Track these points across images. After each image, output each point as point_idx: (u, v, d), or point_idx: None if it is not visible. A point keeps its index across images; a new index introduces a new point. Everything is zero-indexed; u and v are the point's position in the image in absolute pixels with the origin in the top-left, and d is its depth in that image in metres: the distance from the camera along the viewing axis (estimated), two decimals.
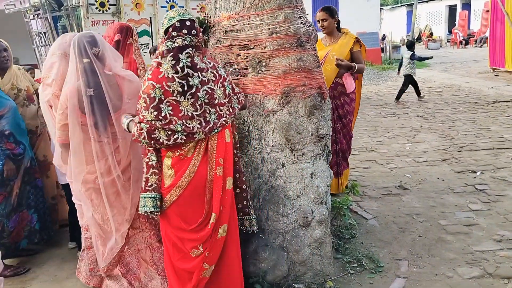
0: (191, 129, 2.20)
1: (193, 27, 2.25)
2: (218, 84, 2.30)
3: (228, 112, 2.33)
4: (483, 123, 7.04)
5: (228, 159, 2.34)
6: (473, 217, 3.71)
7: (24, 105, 3.38)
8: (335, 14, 4.01)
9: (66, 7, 6.57)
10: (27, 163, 3.25)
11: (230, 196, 2.38)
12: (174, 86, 2.18)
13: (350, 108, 4.10)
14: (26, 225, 3.28)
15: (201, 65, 2.25)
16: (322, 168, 2.91)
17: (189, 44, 2.22)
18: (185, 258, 2.35)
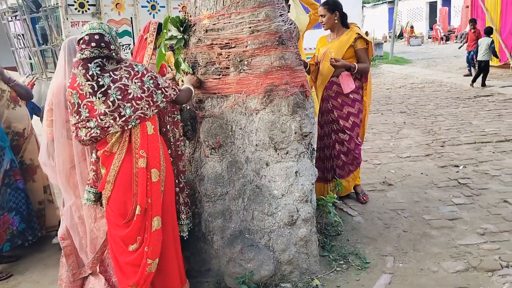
0: (104, 123, 2.33)
1: (101, 40, 2.35)
2: (133, 80, 2.37)
3: (147, 106, 2.39)
4: (465, 117, 7.14)
5: (151, 151, 2.42)
6: (456, 211, 3.75)
7: (9, 107, 3.35)
8: (335, 9, 3.74)
9: (45, 8, 6.45)
10: (6, 165, 3.17)
11: (158, 188, 2.43)
12: (85, 89, 2.32)
13: (353, 109, 3.78)
14: (8, 228, 3.20)
15: (114, 67, 2.37)
16: (307, 166, 2.90)
17: (98, 56, 2.34)
18: (125, 253, 2.44)
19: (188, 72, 2.97)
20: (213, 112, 2.90)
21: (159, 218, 2.42)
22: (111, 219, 2.46)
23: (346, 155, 3.83)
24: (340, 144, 3.82)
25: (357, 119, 3.79)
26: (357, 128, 3.81)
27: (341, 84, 3.72)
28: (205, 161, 2.95)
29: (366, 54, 3.75)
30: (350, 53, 3.72)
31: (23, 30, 7.18)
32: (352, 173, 3.90)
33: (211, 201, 2.93)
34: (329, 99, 3.82)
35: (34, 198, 3.54)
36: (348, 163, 3.84)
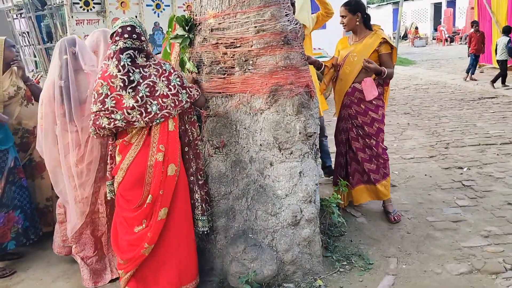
0: (131, 117, 2.47)
1: (133, 31, 2.52)
2: (161, 78, 2.51)
3: (172, 104, 2.53)
4: (469, 119, 7.11)
5: (171, 147, 2.57)
6: (460, 213, 3.73)
7: (22, 104, 3.44)
8: (357, 10, 3.51)
9: (50, 6, 6.45)
10: (10, 163, 3.18)
11: (172, 182, 2.58)
12: (116, 82, 2.46)
13: (377, 115, 3.59)
14: (13, 226, 3.21)
15: (142, 62, 2.52)
16: (311, 166, 2.90)
17: (130, 47, 2.50)
18: (128, 232, 2.61)
19: (193, 71, 2.97)
20: (218, 112, 2.90)
21: (166, 209, 2.57)
22: (120, 203, 2.64)
23: (377, 159, 3.64)
24: (369, 149, 3.63)
25: (381, 125, 3.63)
26: (382, 134, 3.67)
27: (364, 91, 3.52)
28: (209, 161, 2.95)
29: (390, 59, 3.58)
30: (374, 57, 3.51)
31: (27, 28, 7.19)
32: (388, 177, 3.69)
33: (214, 201, 2.93)
34: (352, 105, 3.62)
35: (42, 195, 3.58)
36: (381, 166, 3.64)
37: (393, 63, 3.63)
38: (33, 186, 3.55)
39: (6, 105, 3.36)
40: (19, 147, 3.45)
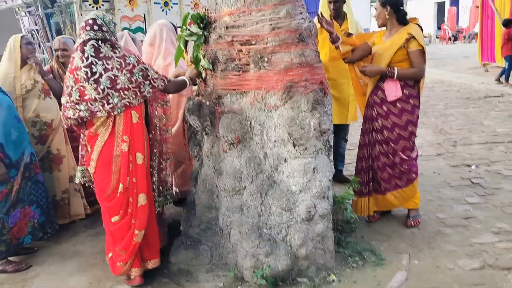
0: (93, 108, 2.61)
1: (94, 23, 2.64)
2: (123, 71, 2.62)
3: (133, 95, 2.66)
4: (476, 118, 7.13)
5: (136, 137, 2.72)
6: (470, 210, 3.76)
7: (40, 97, 3.55)
8: (387, 3, 3.30)
9: (59, 3, 6.52)
10: (26, 159, 3.23)
11: (142, 169, 2.75)
12: (80, 74, 2.59)
13: (399, 120, 3.34)
14: (29, 221, 3.25)
15: (108, 54, 2.62)
16: (324, 162, 2.93)
17: (92, 37, 2.61)
18: (109, 223, 2.81)
19: (208, 68, 3.00)
20: (233, 108, 2.93)
21: (144, 195, 2.75)
22: (97, 192, 2.83)
23: (392, 168, 3.43)
24: (385, 156, 3.43)
25: (404, 132, 3.36)
26: (404, 141, 3.37)
27: (385, 90, 3.33)
28: (223, 156, 2.98)
29: (419, 57, 3.26)
30: (401, 55, 3.27)
31: (36, 25, 7.24)
32: (401, 189, 3.45)
33: (229, 196, 2.96)
34: (374, 105, 3.43)
35: (59, 187, 3.67)
36: (394, 176, 3.44)
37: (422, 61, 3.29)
38: (51, 178, 3.63)
39: (24, 98, 3.49)
40: (37, 139, 3.53)
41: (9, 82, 3.43)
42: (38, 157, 3.49)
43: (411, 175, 3.44)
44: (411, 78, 3.30)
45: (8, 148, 3.07)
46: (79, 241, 3.60)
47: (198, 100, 3.04)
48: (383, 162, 3.46)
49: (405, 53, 3.26)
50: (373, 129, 3.47)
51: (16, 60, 3.47)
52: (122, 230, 2.77)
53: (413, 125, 3.39)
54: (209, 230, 3.09)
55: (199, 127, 3.05)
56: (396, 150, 3.39)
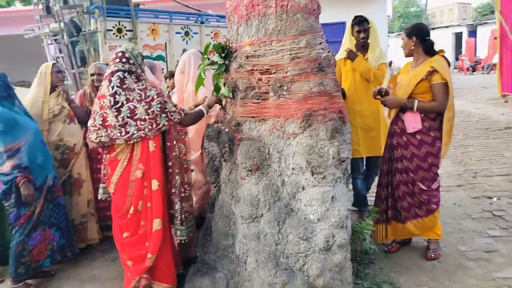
0: (113, 135, 2.79)
1: (123, 56, 2.86)
2: (142, 103, 2.79)
3: (150, 127, 2.81)
4: (496, 149, 7.02)
5: (152, 165, 2.87)
6: (492, 243, 3.67)
7: (65, 122, 3.69)
8: (413, 34, 3.33)
9: (84, 32, 6.74)
10: (50, 182, 3.30)
11: (159, 195, 2.88)
12: (105, 101, 2.78)
13: (418, 152, 3.32)
14: (48, 244, 3.30)
15: (131, 85, 2.81)
16: (343, 191, 2.91)
17: (120, 69, 2.82)
18: (119, 237, 2.96)
19: (228, 96, 3.06)
20: (251, 135, 2.96)
21: (159, 220, 2.87)
22: (113, 210, 2.98)
23: (411, 197, 3.42)
24: (405, 185, 3.43)
25: (423, 163, 3.33)
26: (423, 172, 3.34)
27: (405, 122, 3.35)
28: (241, 183, 2.99)
29: (442, 90, 3.22)
30: (424, 87, 3.26)
31: (61, 53, 7.49)
32: (421, 219, 3.41)
33: (246, 223, 2.95)
34: (395, 135, 3.45)
35: (78, 211, 3.72)
36: (414, 206, 3.41)
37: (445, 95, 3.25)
38: (70, 202, 3.70)
39: (50, 122, 3.62)
40: (59, 162, 3.62)
41: (37, 106, 3.59)
42: (60, 181, 3.56)
43: (431, 206, 3.38)
44: (431, 111, 3.28)
45: (33, 171, 3.14)
46: (97, 266, 3.62)
47: (217, 127, 3.08)
48: (403, 190, 3.44)
49: (427, 85, 3.25)
50: (394, 158, 3.47)
51: (46, 86, 3.64)
52: (132, 244, 2.94)
53: (434, 156, 3.33)
54: (226, 257, 3.07)
55: (217, 153, 3.08)
56: (415, 180, 3.36)
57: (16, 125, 3.14)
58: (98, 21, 6.30)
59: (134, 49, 2.96)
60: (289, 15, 2.85)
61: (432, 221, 3.43)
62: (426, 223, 3.42)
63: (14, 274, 3.15)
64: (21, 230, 3.14)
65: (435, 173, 3.39)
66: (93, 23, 6.56)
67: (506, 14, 12.14)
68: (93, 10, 6.27)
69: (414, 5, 44.62)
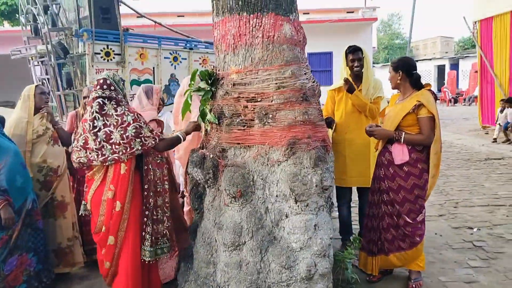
0: (91, 156, 2.96)
1: (104, 83, 3.02)
2: (118, 128, 2.93)
3: (124, 150, 2.94)
4: (477, 179, 7.14)
5: (120, 187, 3.00)
6: (473, 274, 3.69)
7: (49, 144, 3.66)
8: (399, 68, 3.42)
9: (72, 55, 6.74)
10: (29, 205, 3.23)
11: (118, 216, 3.00)
12: (86, 125, 2.95)
13: (405, 184, 3.34)
14: (25, 269, 3.20)
15: (109, 111, 2.96)
16: (326, 220, 2.92)
17: (100, 96, 2.98)
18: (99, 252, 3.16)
19: (213, 122, 3.08)
20: (236, 162, 2.97)
21: (112, 237, 3.03)
22: (91, 227, 3.13)
23: (396, 230, 3.41)
24: (389, 217, 3.43)
25: (409, 195, 3.34)
26: (409, 204, 3.35)
27: (392, 154, 3.38)
28: (224, 210, 2.98)
29: (428, 124, 3.26)
30: (411, 120, 3.31)
31: (47, 75, 7.45)
32: (404, 252, 3.42)
33: (228, 251, 2.93)
34: (382, 166, 3.47)
35: (64, 235, 3.67)
36: (398, 238, 3.42)
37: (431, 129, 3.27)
38: (55, 225, 3.62)
39: (34, 143, 3.58)
40: (42, 184, 3.56)
41: (21, 126, 3.56)
42: (42, 203, 3.51)
43: (415, 239, 3.38)
44: (418, 144, 3.31)
45: (12, 194, 3.08)
46: None
47: (201, 152, 3.09)
48: (387, 222, 3.44)
49: (414, 118, 3.29)
50: (380, 189, 3.48)
51: (30, 108, 3.62)
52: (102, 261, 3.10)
53: (420, 189, 3.34)
54: (206, 286, 3.02)
55: (201, 179, 3.07)
56: (400, 213, 3.36)
57: None
58: (86, 44, 6.30)
59: (115, 75, 3.11)
60: (275, 45, 2.91)
61: (415, 253, 3.43)
62: (409, 256, 3.42)
63: None
64: None
65: (421, 205, 3.40)
66: (81, 46, 6.55)
67: (485, 49, 12.58)
68: (82, 33, 6.29)
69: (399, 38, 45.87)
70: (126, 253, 3.06)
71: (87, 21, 6.54)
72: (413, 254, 3.43)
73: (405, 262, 3.46)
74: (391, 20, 48.16)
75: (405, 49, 38.73)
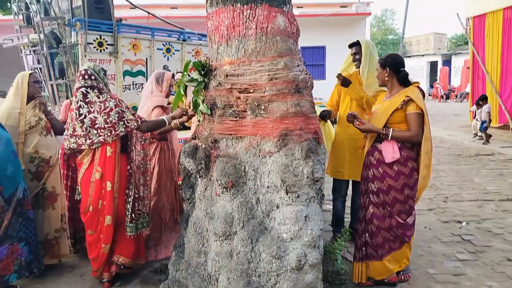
0: (79, 142, 3.28)
1: (86, 73, 3.30)
2: (101, 114, 3.24)
3: (108, 134, 3.25)
4: (467, 174, 7.22)
5: (107, 168, 3.29)
6: (460, 267, 3.75)
7: (42, 134, 3.63)
8: (386, 65, 3.35)
9: (64, 44, 6.68)
10: (19, 194, 3.22)
11: (111, 195, 3.29)
12: (73, 114, 3.27)
13: (395, 183, 3.24)
14: (16, 259, 3.19)
15: (92, 99, 3.26)
16: (316, 211, 2.95)
17: (83, 85, 3.26)
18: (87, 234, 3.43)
19: (206, 113, 3.08)
20: (228, 152, 2.98)
21: (110, 217, 3.30)
22: (80, 207, 3.40)
23: (388, 231, 3.31)
24: (380, 219, 3.31)
25: (399, 195, 3.24)
26: (400, 205, 3.26)
27: (382, 152, 3.27)
28: (216, 200, 3.00)
29: (417, 120, 3.19)
30: (399, 117, 3.24)
31: (40, 64, 7.39)
32: (394, 252, 3.33)
33: (219, 241, 2.95)
34: (370, 166, 3.35)
35: (52, 226, 3.63)
36: (389, 240, 3.32)
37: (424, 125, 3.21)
38: (43, 216, 3.60)
39: (26, 134, 3.53)
40: (33, 175, 3.54)
41: (13, 117, 3.50)
42: (33, 194, 3.49)
43: (404, 238, 3.32)
44: (406, 141, 3.24)
45: (2, 183, 3.07)
46: (64, 281, 3.54)
47: (194, 143, 3.10)
48: (376, 225, 3.33)
49: (403, 114, 3.23)
50: (369, 191, 3.38)
51: (22, 96, 3.55)
52: (95, 243, 3.36)
53: (410, 188, 3.26)
54: (197, 275, 3.05)
55: (193, 169, 3.08)
56: (392, 214, 3.28)
57: None
58: (79, 34, 6.25)
59: (95, 66, 3.38)
60: (268, 37, 2.91)
61: (405, 252, 3.37)
62: (399, 255, 3.35)
63: None
64: None
65: (410, 206, 3.32)
66: (74, 36, 6.50)
67: (477, 46, 12.65)
68: (75, 23, 6.23)
69: (392, 33, 45.93)
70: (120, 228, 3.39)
71: (80, 11, 6.47)
72: (404, 251, 3.36)
73: (396, 263, 3.36)
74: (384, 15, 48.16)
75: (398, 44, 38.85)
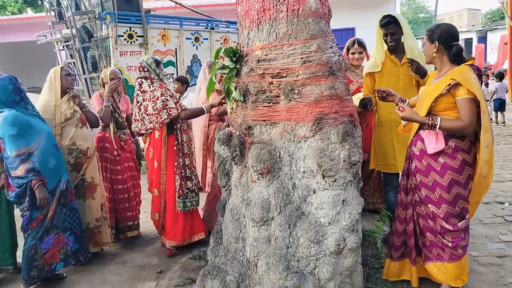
0: (140, 125, 3.81)
1: (141, 66, 3.81)
2: (150, 102, 3.72)
3: (155, 119, 3.72)
4: (507, 154, 6.97)
5: (155, 149, 3.80)
6: (504, 249, 3.64)
7: (77, 126, 3.74)
8: (435, 38, 2.80)
9: (96, 38, 6.81)
10: (63, 186, 3.32)
11: (157, 172, 3.82)
12: (134, 102, 3.83)
13: (441, 179, 2.76)
14: (62, 248, 3.31)
15: (145, 88, 3.76)
16: (354, 195, 2.91)
17: (139, 76, 3.81)
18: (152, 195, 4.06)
19: (239, 99, 3.07)
20: (262, 139, 2.97)
21: (156, 190, 3.87)
22: None
23: (434, 234, 2.86)
24: (424, 219, 2.91)
25: (446, 194, 2.74)
26: (447, 206, 2.76)
27: (424, 141, 2.83)
28: (252, 186, 3.00)
29: (469, 107, 2.63)
30: (446, 103, 2.73)
31: (73, 59, 7.57)
32: (443, 263, 2.86)
33: (256, 226, 2.96)
34: (413, 158, 2.93)
35: (93, 215, 3.73)
36: (436, 245, 2.87)
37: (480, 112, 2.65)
38: (84, 206, 3.72)
39: (63, 126, 3.64)
40: (72, 167, 3.64)
41: (49, 110, 3.61)
42: (73, 185, 3.59)
43: (456, 251, 2.79)
44: (456, 132, 2.71)
45: (44, 175, 3.17)
46: (107, 269, 3.64)
47: (228, 130, 3.10)
48: (422, 225, 2.97)
49: (451, 100, 2.71)
50: (413, 187, 2.98)
51: (56, 90, 3.66)
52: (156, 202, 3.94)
53: (461, 186, 2.73)
54: (236, 260, 3.07)
55: (228, 157, 3.09)
56: (436, 216, 2.82)
57: (30, 129, 3.17)
58: (110, 27, 6.37)
59: (148, 59, 3.83)
60: (300, 19, 2.86)
61: (458, 268, 2.83)
62: (448, 270, 2.84)
63: (27, 277, 3.17)
64: (33, 234, 3.17)
65: (462, 208, 2.78)
66: (105, 29, 6.62)
67: None
68: (105, 16, 6.34)
69: (423, 11, 44.52)
70: (169, 204, 3.84)
71: (109, 4, 6.57)
72: (454, 269, 2.83)
73: (446, 277, 2.88)
74: None
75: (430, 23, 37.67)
